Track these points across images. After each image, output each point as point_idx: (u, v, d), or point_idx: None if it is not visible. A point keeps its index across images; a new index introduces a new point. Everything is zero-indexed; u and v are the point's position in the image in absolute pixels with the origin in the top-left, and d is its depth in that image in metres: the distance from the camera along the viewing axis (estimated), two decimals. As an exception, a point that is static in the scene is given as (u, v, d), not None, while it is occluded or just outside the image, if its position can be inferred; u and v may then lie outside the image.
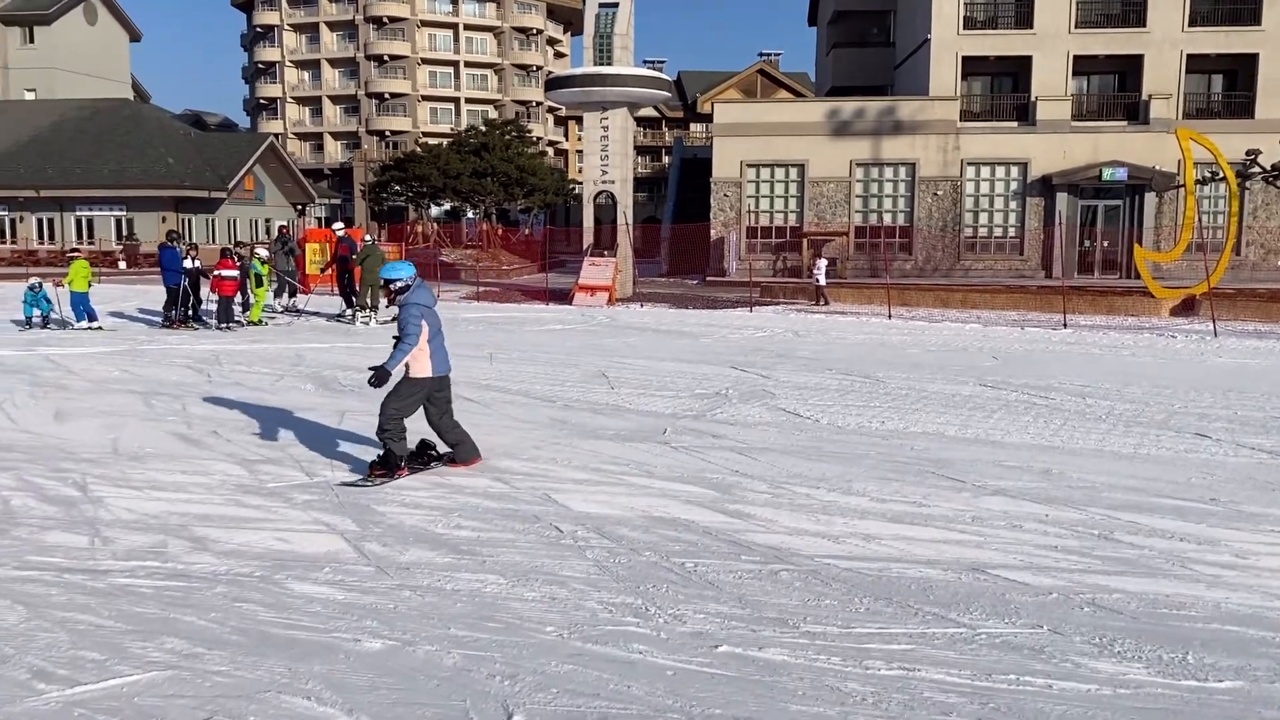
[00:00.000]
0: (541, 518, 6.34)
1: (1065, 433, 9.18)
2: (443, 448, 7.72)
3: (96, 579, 5.17)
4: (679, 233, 38.00)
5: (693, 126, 74.87)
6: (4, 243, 44.63)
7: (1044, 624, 4.66)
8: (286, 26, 79.29)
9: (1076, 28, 31.75)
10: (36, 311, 18.30)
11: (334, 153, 78.25)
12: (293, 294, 22.69)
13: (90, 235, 44.55)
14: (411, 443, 7.52)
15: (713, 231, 34.01)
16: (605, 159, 27.07)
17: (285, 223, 28.37)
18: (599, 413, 10.02)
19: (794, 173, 33.19)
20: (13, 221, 45.30)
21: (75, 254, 19.19)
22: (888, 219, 32.96)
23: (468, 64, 78.52)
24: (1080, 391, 11.47)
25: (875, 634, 4.54)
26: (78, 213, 45.06)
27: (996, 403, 10.72)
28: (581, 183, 28.93)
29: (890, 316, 21.66)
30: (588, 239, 28.23)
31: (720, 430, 9.18)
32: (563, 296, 25.88)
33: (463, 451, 7.59)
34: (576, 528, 6.13)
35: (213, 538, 5.92)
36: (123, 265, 40.43)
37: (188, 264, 19.56)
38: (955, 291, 25.21)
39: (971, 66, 32.78)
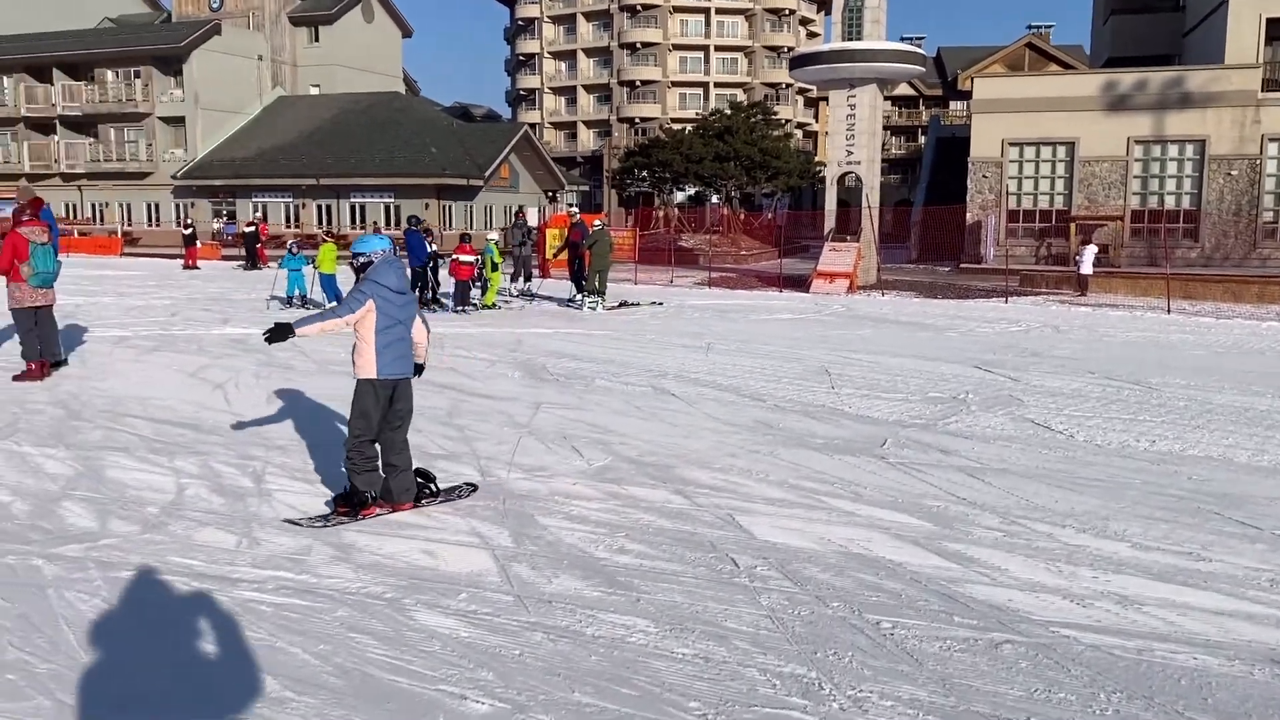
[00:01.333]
0: (718, 546, 5.46)
1: (1401, 466, 7.29)
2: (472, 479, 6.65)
3: (223, 590, 4.78)
4: (931, 216, 35.80)
5: (952, 105, 70.99)
6: (288, 227, 48.42)
7: (1383, 763, 3.31)
8: (546, 18, 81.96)
9: None
10: (296, 290, 19.21)
11: (586, 141, 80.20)
12: (528, 278, 22.89)
13: (362, 221, 47.53)
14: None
15: (968, 215, 31.69)
16: (851, 138, 25.65)
17: (521, 208, 28.79)
18: (812, 416, 8.99)
19: (1062, 151, 30.31)
20: (296, 207, 49.11)
21: (326, 238, 20.07)
22: (1170, 202, 29.44)
23: (718, 48, 78.18)
24: None
25: (1126, 755, 3.36)
26: (352, 199, 48.23)
27: (1305, 422, 8.80)
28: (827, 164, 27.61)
29: (1169, 311, 19.10)
30: (829, 223, 26.94)
31: (951, 444, 7.94)
32: (799, 283, 24.75)
33: (399, 487, 6.03)
34: (756, 562, 5.21)
35: (360, 545, 5.46)
36: None
37: (429, 248, 20.07)
38: (1250, 284, 22.01)
39: (1278, 30, 28.62)
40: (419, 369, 6.28)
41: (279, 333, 5.76)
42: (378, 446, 6.02)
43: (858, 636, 4.30)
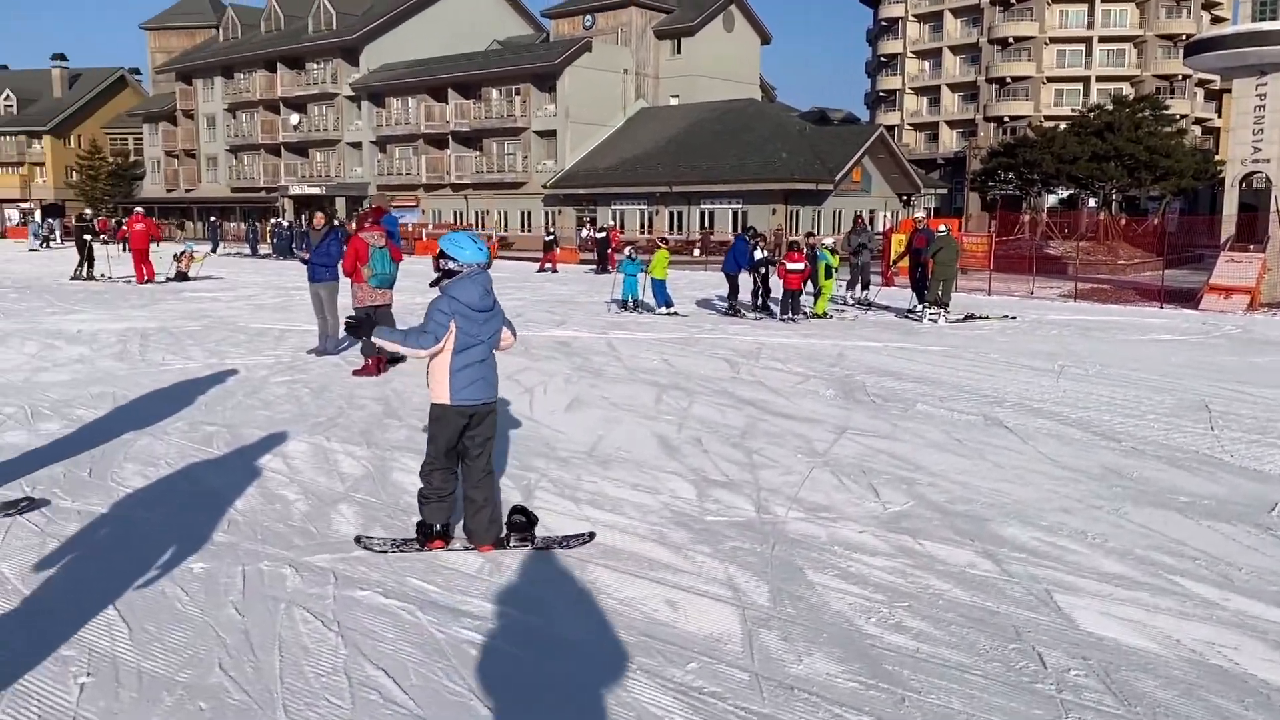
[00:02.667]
0: (1024, 634, 4.33)
1: None
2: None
3: (445, 626, 4.40)
4: (1363, 223, 30.09)
5: (1398, 91, 59.98)
6: (642, 233, 50.22)
7: None
8: (911, 17, 79.29)
9: None
10: (630, 295, 19.47)
11: (948, 142, 76.64)
12: (865, 286, 21.75)
13: (711, 227, 48.26)
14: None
15: None
16: (1259, 134, 22.09)
17: (870, 212, 27.55)
18: (1178, 465, 7.35)
19: None
20: (650, 214, 50.83)
21: (661, 244, 20.18)
22: None
23: (1102, 39, 71.56)
24: None
25: None
26: (702, 206, 49.14)
27: None
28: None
29: None
30: (1227, 230, 23.35)
31: (1372, 516, 6.09)
32: (1186, 298, 21.60)
33: (479, 524, 5.38)
34: (1071, 664, 4.04)
35: (601, 584, 4.91)
36: (697, 253, 43.06)
37: (757, 254, 19.61)
38: None
39: None
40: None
41: (358, 327, 5.54)
42: (457, 477, 5.44)
43: (1204, 803, 3.09)
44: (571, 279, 29.77)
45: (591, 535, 5.63)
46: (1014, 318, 18.59)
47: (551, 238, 34.81)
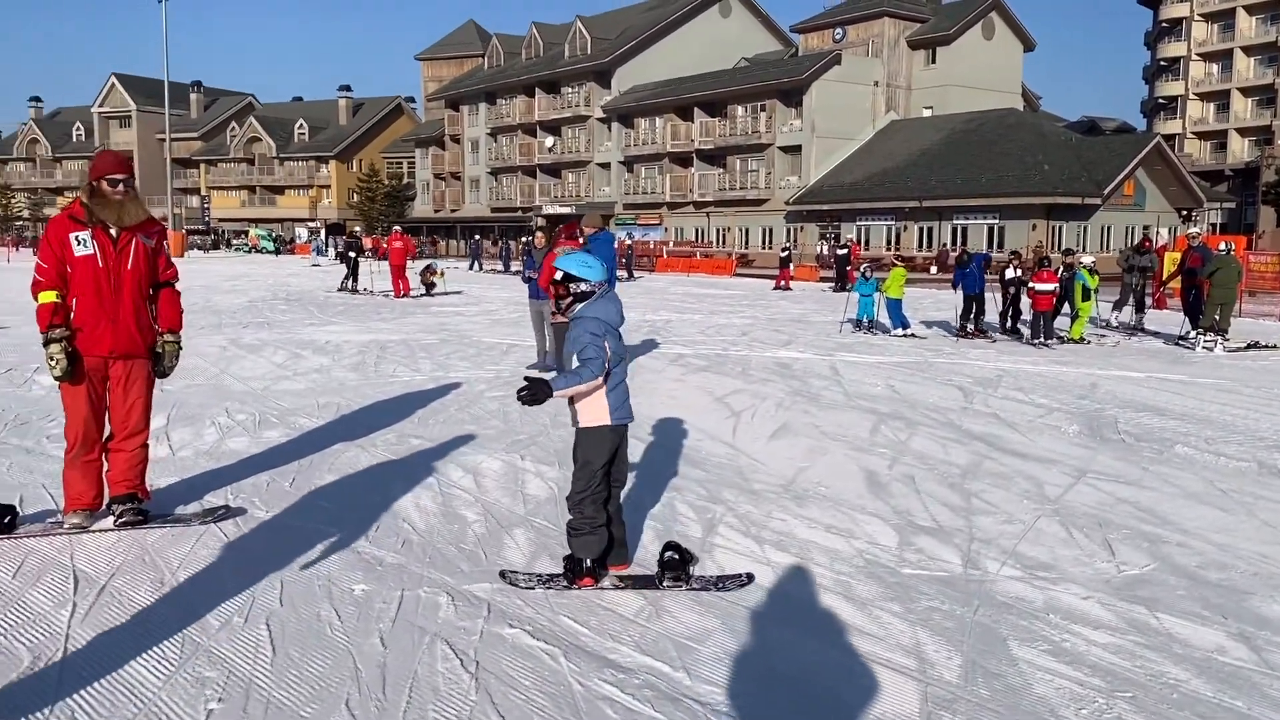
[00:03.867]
0: (1284, 752, 3.45)
1: None
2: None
3: (585, 676, 4.03)
4: None
5: None
6: (889, 249, 48.56)
7: None
8: (1196, 17, 72.79)
9: None
10: (865, 316, 18.62)
11: (1238, 151, 69.61)
12: (1140, 309, 19.79)
13: (964, 242, 45.98)
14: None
15: None
16: None
17: (1148, 235, 25.37)
18: None
19: None
20: (898, 230, 49.07)
21: (896, 262, 19.20)
22: None
23: None
24: None
25: None
26: (954, 221, 46.91)
27: None
28: None
29: None
30: None
31: None
32: None
33: (620, 535, 5.18)
34: (1348, 801, 3.15)
35: (767, 642, 4.39)
36: (934, 271, 40.89)
37: (1009, 273, 18.36)
38: None
39: None
40: None
41: (536, 394, 4.81)
42: (606, 510, 5.08)
43: None
44: (806, 297, 29.10)
45: (750, 577, 5.14)
46: (1310, 347, 16.32)
47: (785, 254, 34.19)
